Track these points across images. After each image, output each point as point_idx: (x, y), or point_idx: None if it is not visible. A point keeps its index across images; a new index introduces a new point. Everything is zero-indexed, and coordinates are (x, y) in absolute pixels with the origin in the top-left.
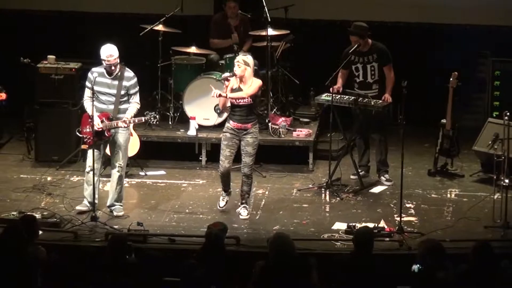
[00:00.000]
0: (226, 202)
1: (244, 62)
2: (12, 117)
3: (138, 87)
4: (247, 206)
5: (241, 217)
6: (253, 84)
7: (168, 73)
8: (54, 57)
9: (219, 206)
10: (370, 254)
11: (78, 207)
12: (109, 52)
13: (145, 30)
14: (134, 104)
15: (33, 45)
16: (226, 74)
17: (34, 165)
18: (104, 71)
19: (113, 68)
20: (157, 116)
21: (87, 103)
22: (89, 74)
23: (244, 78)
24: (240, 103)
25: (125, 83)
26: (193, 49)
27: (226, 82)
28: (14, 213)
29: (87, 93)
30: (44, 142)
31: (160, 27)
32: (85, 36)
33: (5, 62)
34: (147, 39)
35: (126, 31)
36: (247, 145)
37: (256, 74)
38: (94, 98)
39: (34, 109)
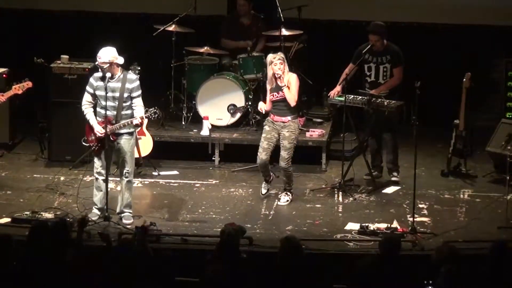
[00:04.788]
0: (268, 190)
1: (283, 59)
2: (26, 116)
3: (140, 90)
4: (287, 193)
5: (278, 202)
6: (291, 82)
7: (181, 73)
8: (67, 57)
9: (261, 194)
10: (398, 257)
11: (88, 217)
12: (99, 53)
13: (159, 30)
14: (139, 107)
15: (46, 45)
16: (281, 84)
17: (47, 165)
18: (107, 75)
19: (104, 70)
20: (157, 111)
21: (87, 109)
22: (91, 79)
23: (284, 73)
24: (278, 98)
25: (128, 85)
26: (206, 49)
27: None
28: (27, 213)
29: (87, 98)
30: (57, 142)
31: (173, 27)
32: (99, 36)
33: (19, 61)
34: (161, 39)
35: (139, 31)
36: (283, 139)
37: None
38: (95, 104)
39: (47, 109)
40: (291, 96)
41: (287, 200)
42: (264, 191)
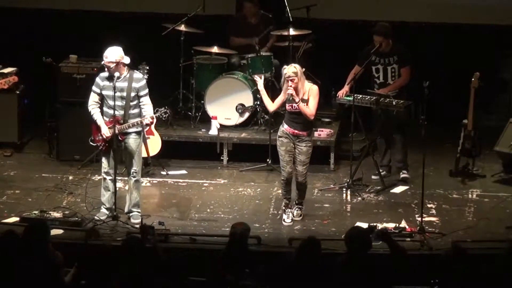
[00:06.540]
0: (291, 220)
1: (295, 74)
2: (34, 116)
3: (147, 89)
4: (299, 207)
5: (292, 217)
6: (311, 95)
7: (190, 73)
8: (76, 56)
9: (284, 221)
10: (366, 254)
11: (97, 217)
12: (105, 53)
13: (167, 30)
14: (148, 106)
15: (55, 44)
16: (295, 99)
17: (56, 164)
18: (115, 74)
19: (111, 69)
20: (168, 111)
21: (94, 110)
22: (97, 79)
23: (298, 88)
24: (297, 110)
25: (134, 84)
26: (215, 49)
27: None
28: (36, 212)
29: (94, 98)
30: (66, 142)
31: (182, 27)
32: (107, 35)
33: (27, 61)
34: (169, 38)
35: (148, 31)
36: (300, 154)
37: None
38: (102, 104)
39: (56, 109)
40: (308, 110)
41: (301, 215)
42: (288, 220)
